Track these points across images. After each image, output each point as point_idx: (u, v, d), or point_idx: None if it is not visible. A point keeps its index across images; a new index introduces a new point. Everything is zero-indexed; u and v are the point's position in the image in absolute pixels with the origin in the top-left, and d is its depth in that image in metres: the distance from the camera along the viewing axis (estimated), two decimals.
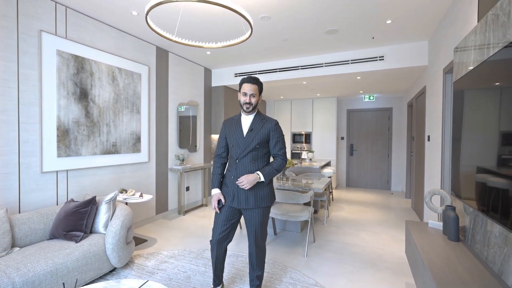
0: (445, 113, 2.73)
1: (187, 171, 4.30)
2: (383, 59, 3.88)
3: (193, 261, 2.71)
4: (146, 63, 3.77)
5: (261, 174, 1.87)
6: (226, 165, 2.06)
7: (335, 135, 6.71)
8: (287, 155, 7.13)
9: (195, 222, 3.99)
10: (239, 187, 1.87)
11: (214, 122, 5.33)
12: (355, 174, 7.12)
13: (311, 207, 3.07)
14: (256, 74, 4.80)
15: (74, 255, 2.08)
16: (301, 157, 5.83)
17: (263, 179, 1.87)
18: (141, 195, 3.15)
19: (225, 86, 5.25)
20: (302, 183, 3.40)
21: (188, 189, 4.66)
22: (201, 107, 5.03)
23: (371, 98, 6.75)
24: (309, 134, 7.04)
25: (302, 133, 7.13)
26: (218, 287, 2.06)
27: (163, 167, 4.12)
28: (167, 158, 4.20)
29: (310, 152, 5.65)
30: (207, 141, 5.23)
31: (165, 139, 4.15)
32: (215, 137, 5.38)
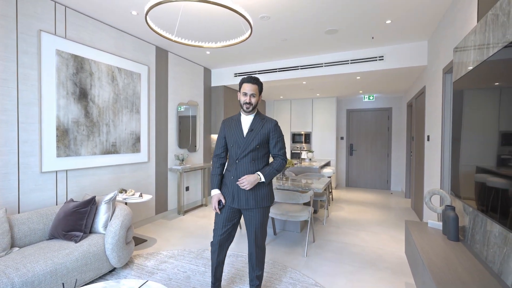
0: (445, 113, 2.73)
1: (187, 171, 4.30)
2: (383, 59, 3.88)
3: (193, 261, 2.71)
4: (145, 63, 3.77)
5: (261, 174, 1.86)
6: (225, 165, 2.04)
7: (335, 135, 6.71)
8: (287, 155, 7.13)
9: (195, 222, 3.99)
10: (239, 187, 1.86)
11: (213, 122, 5.33)
12: (355, 174, 7.13)
13: (311, 207, 3.07)
14: (255, 74, 4.80)
15: (73, 255, 2.08)
16: (300, 157, 5.83)
17: (263, 179, 1.86)
18: (141, 195, 3.14)
19: (224, 86, 5.25)
20: (301, 183, 3.40)
21: (187, 189, 4.66)
22: (200, 107, 5.02)
23: (371, 98, 6.76)
24: (308, 134, 7.04)
25: (301, 133, 7.13)
26: None
27: (163, 167, 4.12)
28: (166, 158, 4.19)
29: (309, 152, 5.65)
30: (207, 141, 5.23)
31: (164, 139, 4.15)
32: (214, 137, 5.38)
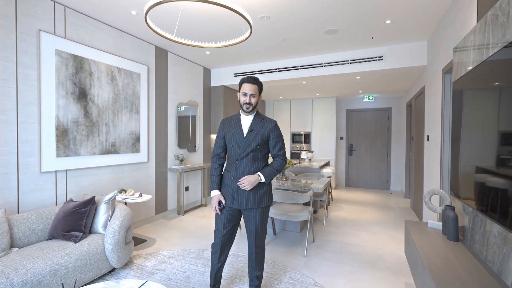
0: (444, 113, 2.74)
1: (187, 171, 4.30)
2: (383, 59, 3.88)
3: (193, 261, 2.71)
4: (145, 63, 3.77)
5: (261, 175, 1.86)
6: (224, 165, 2.03)
7: (335, 135, 6.71)
8: (287, 155, 7.12)
9: (195, 222, 3.99)
10: (239, 187, 1.86)
11: (213, 122, 5.33)
12: (354, 174, 7.13)
13: (311, 207, 3.07)
14: (255, 74, 4.79)
15: (73, 255, 2.07)
16: (300, 157, 5.83)
17: (263, 179, 1.86)
18: (140, 195, 3.14)
19: (224, 86, 5.25)
20: (301, 183, 3.40)
21: (187, 189, 4.66)
22: (200, 107, 5.02)
23: (371, 98, 6.76)
24: (308, 134, 7.04)
25: (301, 133, 7.13)
26: None
27: (162, 167, 4.12)
28: (166, 158, 4.19)
29: (309, 152, 5.65)
30: (207, 141, 5.23)
31: (164, 139, 4.15)
32: (214, 137, 5.38)
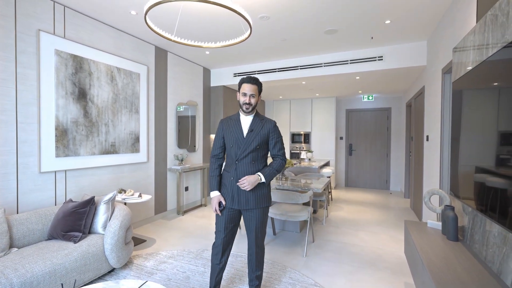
0: (444, 113, 2.74)
1: (186, 171, 4.30)
2: (382, 59, 3.88)
3: (192, 261, 2.71)
4: (145, 63, 3.77)
5: (262, 175, 1.86)
6: (222, 166, 2.02)
7: (334, 135, 6.71)
8: (286, 155, 7.13)
9: (194, 222, 3.99)
10: (239, 188, 1.85)
11: (213, 122, 5.32)
12: (354, 174, 7.13)
13: (310, 207, 3.07)
14: (255, 74, 4.79)
15: (72, 255, 2.07)
16: (300, 157, 5.83)
17: (264, 179, 1.86)
18: (140, 195, 3.14)
19: (224, 86, 5.24)
20: (301, 183, 3.40)
21: (187, 189, 4.65)
22: (200, 107, 5.02)
23: (370, 98, 6.76)
24: (308, 134, 7.04)
25: (301, 133, 7.13)
26: None
27: (162, 167, 4.11)
28: (166, 158, 4.19)
29: (309, 152, 5.66)
30: (206, 141, 5.23)
31: (164, 139, 4.14)
32: (214, 137, 5.37)
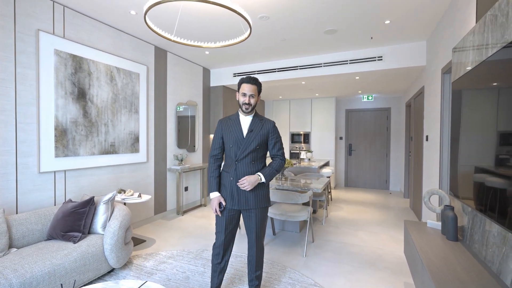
0: (443, 113, 2.74)
1: (186, 171, 4.29)
2: (382, 59, 3.88)
3: (192, 261, 2.70)
4: (144, 62, 3.76)
5: (262, 175, 1.86)
6: (221, 166, 2.01)
7: (334, 135, 6.71)
8: (286, 155, 7.14)
9: (194, 222, 3.99)
10: (239, 188, 1.85)
11: (212, 122, 5.32)
12: (354, 174, 7.13)
13: (310, 207, 3.07)
14: (255, 74, 4.79)
15: (72, 256, 2.07)
16: (300, 157, 5.83)
17: (264, 179, 1.86)
18: (140, 195, 3.14)
19: (223, 86, 5.24)
20: (301, 183, 3.40)
21: (186, 189, 4.65)
22: (199, 107, 5.02)
23: (370, 98, 6.77)
24: (307, 134, 7.04)
25: (300, 133, 7.13)
26: None
27: (162, 167, 4.11)
28: (165, 158, 4.19)
29: (308, 152, 5.66)
30: (206, 141, 5.22)
31: (163, 139, 4.14)
32: None
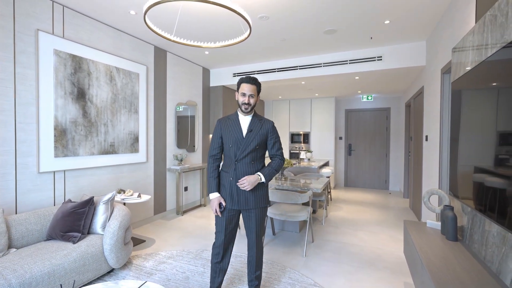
0: (443, 113, 2.74)
1: (186, 171, 4.29)
2: (381, 59, 3.88)
3: (192, 261, 2.70)
4: (144, 62, 3.76)
5: (261, 175, 1.86)
6: (220, 166, 2.01)
7: (334, 135, 6.72)
8: (285, 155, 7.14)
9: (194, 222, 3.98)
10: (238, 188, 1.85)
11: (212, 122, 5.32)
12: (353, 174, 7.14)
13: (310, 207, 3.07)
14: (254, 74, 4.79)
15: (71, 256, 2.06)
16: (299, 157, 5.83)
17: (263, 179, 1.86)
18: (139, 196, 3.13)
19: (223, 86, 5.24)
20: (300, 183, 3.40)
21: (186, 189, 4.65)
22: (199, 107, 5.01)
23: (369, 98, 6.77)
24: (307, 134, 7.04)
25: (300, 133, 7.13)
26: None
27: (161, 167, 4.11)
28: (165, 158, 4.18)
29: (308, 152, 5.65)
30: (206, 141, 5.22)
31: (163, 139, 4.14)
32: None
